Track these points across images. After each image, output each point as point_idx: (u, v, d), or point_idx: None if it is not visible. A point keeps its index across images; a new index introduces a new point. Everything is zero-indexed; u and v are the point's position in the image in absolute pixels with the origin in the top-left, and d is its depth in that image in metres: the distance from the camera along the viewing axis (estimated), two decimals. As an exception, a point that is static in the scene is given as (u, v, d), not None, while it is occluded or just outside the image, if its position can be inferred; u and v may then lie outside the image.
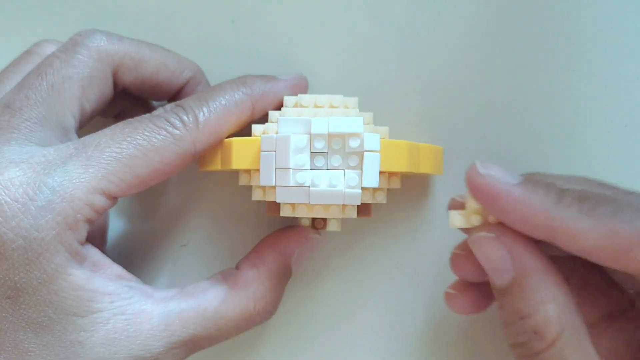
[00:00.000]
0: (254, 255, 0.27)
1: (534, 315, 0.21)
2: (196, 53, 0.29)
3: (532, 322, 0.22)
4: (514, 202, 0.22)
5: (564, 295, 0.22)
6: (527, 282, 0.22)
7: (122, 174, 0.23)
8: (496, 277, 0.22)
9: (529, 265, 0.22)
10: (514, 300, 0.22)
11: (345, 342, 0.29)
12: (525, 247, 0.22)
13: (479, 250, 0.23)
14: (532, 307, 0.22)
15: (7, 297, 0.22)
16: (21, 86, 0.25)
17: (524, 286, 0.22)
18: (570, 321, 0.22)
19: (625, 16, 0.29)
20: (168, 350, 0.24)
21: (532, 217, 0.21)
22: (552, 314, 0.21)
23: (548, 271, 0.22)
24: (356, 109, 0.26)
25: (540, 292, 0.22)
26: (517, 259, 0.22)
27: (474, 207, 0.23)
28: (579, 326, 0.22)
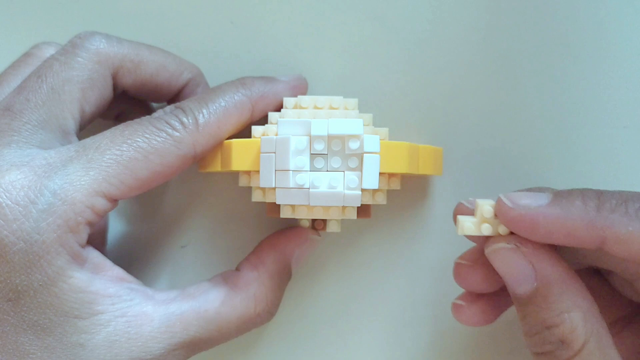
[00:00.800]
0: (254, 257, 0.27)
1: (561, 325, 0.21)
2: (196, 54, 0.29)
3: (558, 331, 0.21)
4: (554, 223, 0.21)
5: (588, 303, 0.22)
6: (550, 292, 0.22)
7: (123, 176, 0.23)
8: (517, 287, 0.22)
9: (552, 275, 0.22)
10: (538, 310, 0.22)
11: (345, 343, 0.29)
12: (546, 257, 0.22)
13: (499, 261, 0.23)
14: (559, 317, 0.21)
15: (9, 300, 0.22)
16: (21, 89, 0.25)
17: (547, 296, 0.22)
18: (595, 328, 0.21)
19: (625, 17, 0.29)
20: (169, 352, 0.24)
21: (576, 231, 0.21)
22: (577, 323, 0.21)
23: (571, 279, 0.22)
24: (356, 110, 0.26)
25: (565, 301, 0.21)
26: (538, 268, 0.22)
27: (485, 216, 0.23)
28: (603, 332, 0.22)
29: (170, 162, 0.24)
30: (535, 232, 0.22)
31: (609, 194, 0.21)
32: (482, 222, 0.23)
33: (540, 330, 0.22)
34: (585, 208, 0.21)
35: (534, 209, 0.21)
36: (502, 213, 0.22)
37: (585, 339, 0.21)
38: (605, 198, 0.21)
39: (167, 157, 0.24)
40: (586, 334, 0.21)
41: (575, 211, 0.21)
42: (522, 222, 0.22)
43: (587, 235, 0.21)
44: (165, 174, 0.24)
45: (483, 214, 0.23)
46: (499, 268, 0.23)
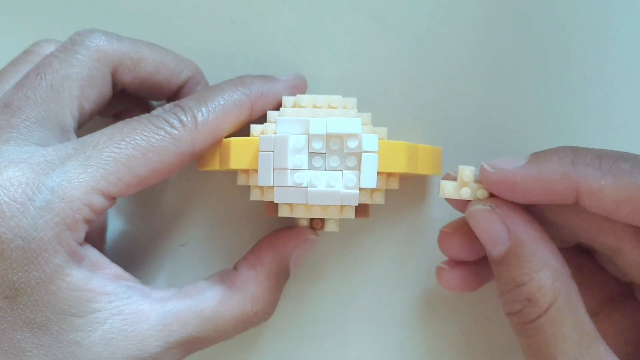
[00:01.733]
0: (252, 256, 0.27)
1: (529, 283, 0.22)
2: (196, 53, 0.29)
3: (526, 289, 0.22)
4: (531, 181, 0.22)
5: (558, 263, 0.22)
6: (522, 251, 0.23)
7: (121, 174, 0.23)
8: (493, 248, 0.23)
9: (524, 235, 0.23)
10: (510, 269, 0.23)
11: (343, 342, 0.29)
12: (520, 218, 0.23)
13: (475, 222, 0.24)
14: (527, 275, 0.22)
15: (5, 297, 0.22)
16: (20, 86, 0.25)
17: (519, 255, 0.23)
18: (564, 288, 0.22)
19: (624, 16, 0.29)
20: (166, 350, 0.24)
21: (551, 185, 0.22)
22: (545, 282, 0.22)
23: (543, 240, 0.23)
24: (355, 109, 0.26)
25: (535, 261, 0.22)
26: (512, 229, 0.23)
27: (464, 180, 0.24)
28: (572, 293, 0.22)
29: (168, 160, 0.24)
30: (515, 192, 0.23)
31: (585, 150, 0.22)
32: (462, 187, 0.24)
33: (511, 288, 0.23)
34: (560, 163, 0.22)
35: (512, 170, 0.23)
36: (484, 178, 0.24)
37: (552, 298, 0.22)
38: (580, 154, 0.22)
39: (166, 155, 0.24)
40: (554, 293, 0.22)
41: (550, 167, 0.22)
42: (502, 183, 0.23)
43: (561, 189, 0.22)
44: (164, 171, 0.24)
45: (463, 178, 0.24)
46: (476, 229, 0.24)
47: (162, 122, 0.24)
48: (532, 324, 0.22)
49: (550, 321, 0.22)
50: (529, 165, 0.23)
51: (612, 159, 0.22)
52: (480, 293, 0.28)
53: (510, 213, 0.23)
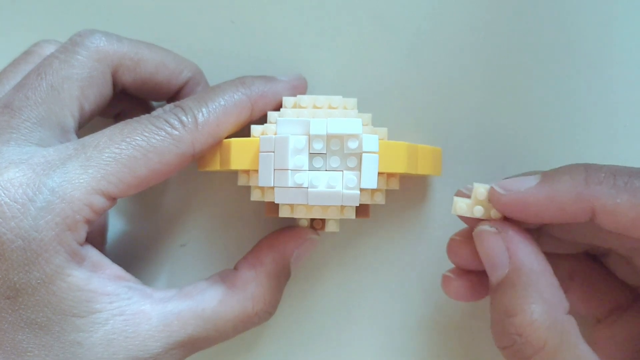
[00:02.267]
0: (252, 256, 0.27)
1: (520, 314, 0.21)
2: (196, 53, 0.29)
3: (517, 322, 0.21)
4: (544, 202, 0.22)
5: (556, 298, 0.21)
6: (519, 280, 0.22)
7: (121, 174, 0.23)
8: (492, 272, 0.23)
9: (524, 263, 0.22)
10: (503, 297, 0.22)
11: (344, 343, 0.29)
12: (525, 245, 0.22)
13: (480, 243, 0.23)
14: (519, 307, 0.21)
15: (7, 298, 0.22)
16: (21, 86, 0.25)
17: (515, 284, 0.22)
18: (560, 326, 0.21)
19: (625, 16, 0.29)
20: (166, 350, 0.24)
21: (565, 205, 0.21)
22: (537, 316, 0.21)
23: (543, 272, 0.22)
24: (355, 110, 0.26)
25: (531, 292, 0.21)
26: (513, 254, 0.22)
27: (478, 198, 0.24)
28: (569, 330, 0.21)
29: (169, 161, 0.24)
30: (527, 213, 0.22)
31: (597, 167, 0.22)
32: (475, 204, 0.24)
33: (502, 319, 0.22)
34: (573, 182, 0.22)
35: (524, 192, 0.22)
36: (495, 200, 0.23)
37: (546, 336, 0.21)
38: (592, 171, 0.22)
39: (166, 156, 0.24)
40: (547, 330, 0.21)
41: (563, 187, 0.22)
42: (514, 205, 0.22)
43: (576, 209, 0.21)
44: (164, 172, 0.24)
45: (477, 196, 0.24)
46: (480, 250, 0.23)
47: (162, 122, 0.24)
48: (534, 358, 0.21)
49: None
50: (540, 186, 0.22)
51: (626, 175, 0.21)
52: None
53: (516, 239, 0.22)
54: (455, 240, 0.25)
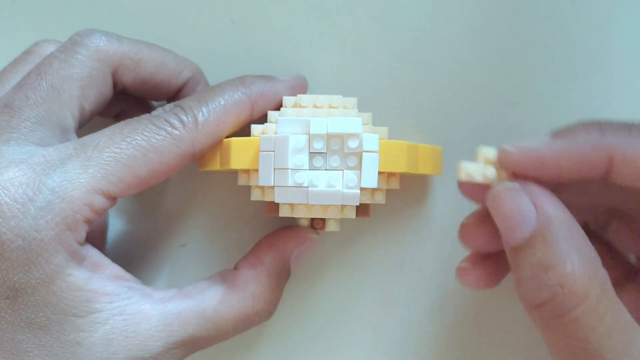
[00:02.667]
0: (252, 256, 0.27)
1: (560, 266, 0.20)
2: (196, 53, 0.29)
3: (557, 273, 0.20)
4: (561, 154, 0.21)
5: (591, 250, 0.21)
6: (552, 232, 0.20)
7: (122, 174, 0.23)
8: (516, 232, 0.21)
9: (554, 215, 0.21)
10: (536, 252, 0.20)
11: (344, 342, 0.29)
12: (552, 198, 0.21)
13: (500, 204, 0.22)
14: (558, 258, 0.20)
15: (6, 298, 0.22)
16: (20, 86, 0.25)
17: (547, 236, 0.20)
18: (600, 276, 0.20)
19: (625, 16, 0.29)
20: (167, 350, 0.24)
21: (583, 156, 0.21)
22: (579, 266, 0.20)
23: (573, 223, 0.21)
24: (355, 109, 0.26)
25: (567, 244, 0.20)
26: (542, 209, 0.21)
27: (489, 159, 0.23)
28: (607, 282, 0.20)
29: (169, 161, 0.24)
30: (544, 168, 0.21)
31: (610, 122, 0.21)
32: (486, 168, 0.22)
33: (537, 273, 0.20)
34: (588, 135, 0.21)
35: (539, 147, 0.22)
36: (507, 159, 0.22)
37: (589, 285, 0.20)
38: (606, 125, 0.21)
39: (166, 156, 0.24)
40: (590, 280, 0.20)
41: (579, 139, 0.21)
42: (529, 161, 0.22)
43: (594, 160, 0.21)
44: (164, 172, 0.24)
45: (488, 157, 0.22)
46: (500, 212, 0.22)
47: (162, 122, 0.24)
48: (567, 317, 0.20)
49: (590, 312, 0.20)
50: (555, 140, 0.21)
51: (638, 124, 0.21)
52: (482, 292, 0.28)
53: (541, 192, 0.21)
54: (467, 224, 0.24)
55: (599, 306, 0.20)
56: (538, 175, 0.22)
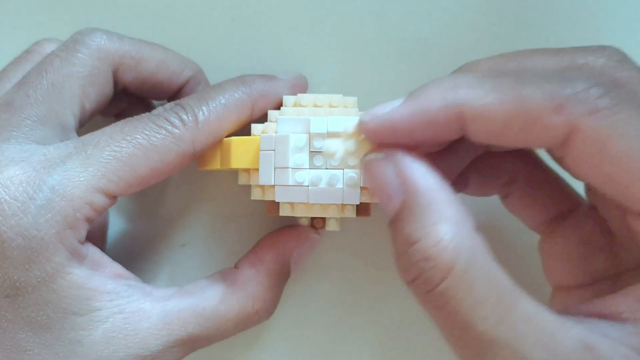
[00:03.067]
0: (252, 255, 0.27)
1: (424, 238, 0.19)
2: (196, 53, 0.29)
3: (421, 246, 0.19)
4: (410, 116, 0.20)
5: (460, 215, 0.19)
6: (417, 203, 0.20)
7: (122, 172, 0.23)
8: (388, 204, 0.20)
9: (419, 184, 0.20)
10: (403, 225, 0.20)
11: (344, 342, 0.29)
12: (415, 166, 0.20)
13: (370, 175, 0.21)
14: (422, 230, 0.19)
15: (7, 296, 0.22)
16: (21, 84, 0.25)
17: (413, 207, 0.20)
18: (468, 242, 0.19)
19: (626, 16, 0.29)
20: (166, 348, 0.24)
21: (432, 116, 0.20)
22: (443, 236, 0.19)
23: (440, 190, 0.20)
24: (355, 108, 0.26)
25: (432, 213, 0.19)
26: (407, 178, 0.20)
27: (348, 134, 0.22)
28: (479, 247, 0.19)
29: (169, 159, 0.24)
30: (397, 135, 0.21)
31: (468, 70, 0.21)
32: (347, 141, 0.22)
33: (405, 249, 0.19)
34: (439, 92, 0.20)
35: (389, 112, 0.21)
36: (364, 129, 0.21)
37: (454, 255, 0.19)
38: (461, 77, 0.20)
39: (167, 154, 0.24)
40: (455, 249, 0.19)
41: (429, 98, 0.20)
42: (382, 128, 0.21)
43: (444, 119, 0.20)
44: (165, 171, 0.24)
45: (347, 130, 0.22)
46: (372, 185, 0.21)
47: (163, 121, 0.24)
48: (437, 290, 0.19)
49: (458, 283, 0.18)
50: (407, 103, 0.20)
51: (495, 75, 0.20)
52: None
53: (405, 161, 0.20)
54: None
55: (466, 276, 0.19)
56: (394, 141, 0.21)
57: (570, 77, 0.19)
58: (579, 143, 0.19)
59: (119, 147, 0.23)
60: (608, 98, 0.19)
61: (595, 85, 0.19)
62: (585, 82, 0.19)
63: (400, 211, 0.20)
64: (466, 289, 0.18)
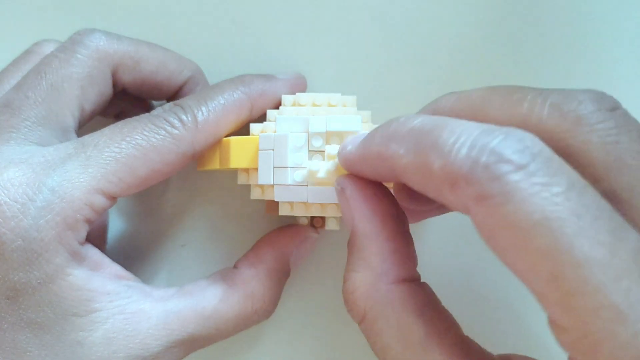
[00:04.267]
0: (252, 255, 0.27)
1: (347, 282, 0.20)
2: (195, 52, 0.29)
3: (345, 288, 0.21)
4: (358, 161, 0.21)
5: (385, 266, 0.20)
6: (352, 245, 0.21)
7: (121, 173, 0.23)
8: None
9: (358, 227, 0.20)
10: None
11: (344, 341, 0.29)
12: (361, 205, 0.21)
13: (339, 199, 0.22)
14: (347, 273, 0.20)
15: (7, 298, 0.22)
16: (20, 85, 0.25)
17: (350, 247, 0.21)
18: (382, 295, 0.20)
19: (626, 16, 0.29)
20: (167, 349, 0.24)
21: (375, 166, 0.20)
22: (359, 285, 0.20)
23: (376, 237, 0.20)
24: (354, 107, 0.26)
25: (358, 258, 0.20)
26: (350, 216, 0.21)
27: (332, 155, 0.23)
28: (396, 300, 0.20)
29: (169, 160, 0.24)
30: (353, 170, 0.21)
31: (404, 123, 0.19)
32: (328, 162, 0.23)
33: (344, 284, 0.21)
34: (378, 142, 0.20)
35: (347, 151, 0.21)
36: (338, 157, 0.22)
37: (365, 306, 0.20)
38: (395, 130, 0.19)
39: (166, 155, 0.24)
40: (367, 300, 0.20)
41: (372, 146, 0.20)
42: (342, 162, 0.22)
43: (381, 168, 0.20)
44: (164, 171, 0.24)
45: (330, 153, 0.23)
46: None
47: (162, 121, 0.24)
48: (360, 328, 0.21)
49: (369, 330, 0.20)
50: (358, 146, 0.21)
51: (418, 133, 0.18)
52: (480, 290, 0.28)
53: (354, 197, 0.21)
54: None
55: (375, 326, 0.20)
56: (355, 173, 0.21)
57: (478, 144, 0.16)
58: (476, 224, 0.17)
59: (119, 148, 0.23)
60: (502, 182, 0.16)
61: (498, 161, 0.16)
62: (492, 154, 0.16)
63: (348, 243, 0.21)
64: (376, 337, 0.20)
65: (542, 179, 0.15)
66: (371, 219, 0.20)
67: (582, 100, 0.19)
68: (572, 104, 0.19)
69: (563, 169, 0.16)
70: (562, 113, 0.19)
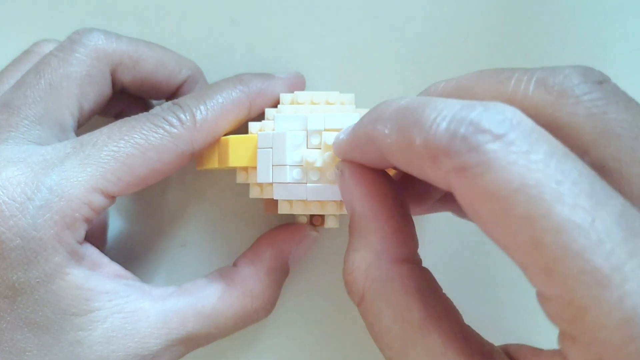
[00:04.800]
0: (251, 253, 0.27)
1: (346, 262, 0.20)
2: (196, 52, 0.29)
3: (344, 269, 0.20)
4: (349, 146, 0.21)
5: (385, 245, 0.20)
6: (352, 227, 0.21)
7: (120, 172, 0.23)
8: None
9: (356, 208, 0.21)
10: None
11: (343, 340, 0.29)
12: (360, 187, 0.21)
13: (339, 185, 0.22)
14: (347, 253, 0.21)
15: (5, 297, 0.22)
16: (19, 85, 0.25)
17: (350, 229, 0.21)
18: (382, 274, 0.20)
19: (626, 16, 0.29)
20: (166, 347, 0.24)
21: (363, 150, 0.20)
22: (358, 265, 0.20)
23: (375, 217, 0.20)
24: (352, 105, 0.26)
25: (358, 239, 0.20)
26: (353, 197, 0.21)
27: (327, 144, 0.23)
28: (394, 279, 0.19)
29: (167, 159, 0.24)
30: (346, 156, 0.21)
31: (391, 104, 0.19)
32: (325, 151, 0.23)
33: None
34: (365, 125, 0.20)
35: (339, 140, 0.22)
36: (333, 146, 0.22)
37: (363, 285, 0.20)
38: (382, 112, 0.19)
39: (165, 154, 0.24)
40: (365, 280, 0.20)
41: (360, 129, 0.20)
42: (336, 149, 0.22)
43: (369, 151, 0.20)
44: (163, 170, 0.24)
45: (326, 143, 0.23)
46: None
47: (161, 120, 0.24)
48: (358, 310, 0.20)
49: (368, 311, 0.20)
50: (349, 134, 0.21)
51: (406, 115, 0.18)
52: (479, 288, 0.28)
53: (352, 181, 0.21)
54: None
55: (374, 307, 0.19)
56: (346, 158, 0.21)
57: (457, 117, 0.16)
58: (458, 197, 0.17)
59: (117, 147, 0.23)
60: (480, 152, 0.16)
61: (476, 131, 0.16)
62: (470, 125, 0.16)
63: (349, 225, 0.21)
64: (374, 318, 0.19)
65: (520, 148, 0.15)
66: (371, 199, 0.20)
67: (568, 74, 0.19)
68: (558, 78, 0.19)
69: (543, 138, 0.16)
70: (548, 87, 0.19)
